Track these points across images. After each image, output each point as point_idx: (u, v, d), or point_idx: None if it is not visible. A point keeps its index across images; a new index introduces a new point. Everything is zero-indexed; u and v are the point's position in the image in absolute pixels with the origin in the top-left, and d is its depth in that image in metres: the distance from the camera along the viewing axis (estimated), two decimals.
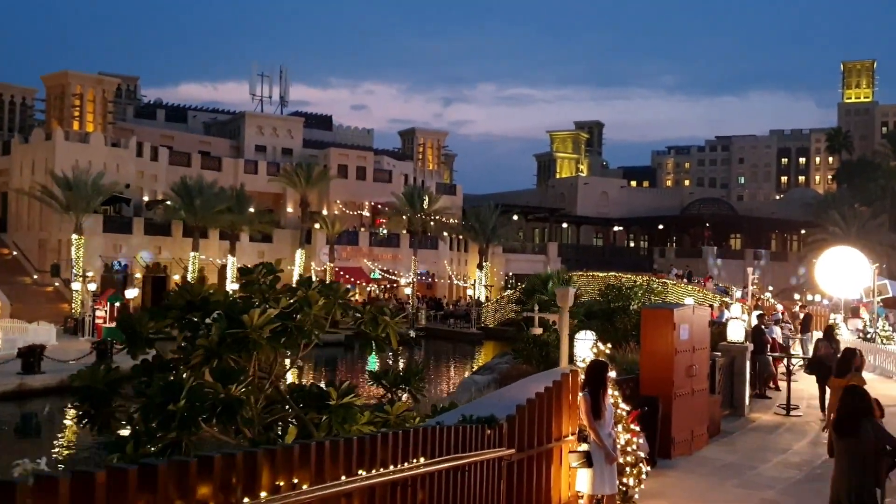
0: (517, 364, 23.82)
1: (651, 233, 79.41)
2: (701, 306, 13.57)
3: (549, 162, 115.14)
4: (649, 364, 12.52)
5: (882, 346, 26.06)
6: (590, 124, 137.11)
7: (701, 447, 13.22)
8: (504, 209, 62.86)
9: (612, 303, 30.12)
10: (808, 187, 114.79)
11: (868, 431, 7.07)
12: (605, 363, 8.79)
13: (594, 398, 8.38)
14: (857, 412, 7.01)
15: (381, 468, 5.06)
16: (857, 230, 57.54)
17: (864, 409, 7.11)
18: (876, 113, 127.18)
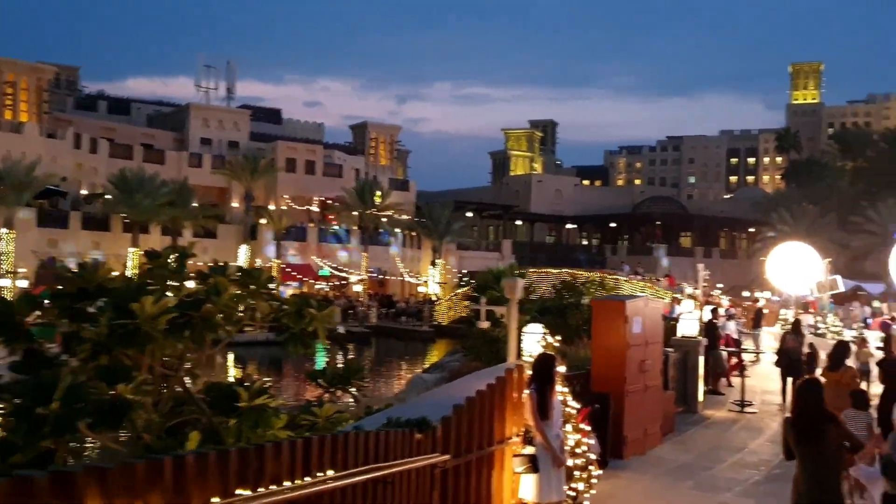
0: (468, 361, 23.14)
1: (603, 231, 79.54)
2: (654, 298, 12.91)
3: (503, 160, 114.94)
4: (601, 359, 11.84)
5: (833, 341, 25.93)
6: (544, 123, 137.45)
7: (654, 446, 12.61)
8: (458, 206, 62.19)
9: (564, 299, 29.53)
10: (756, 187, 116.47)
11: (832, 435, 6.40)
12: (553, 357, 7.98)
13: (541, 396, 7.57)
14: (818, 418, 6.33)
15: (272, 485, 4.13)
16: (806, 228, 58.07)
17: (826, 416, 6.44)
18: (823, 114, 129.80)
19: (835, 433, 6.42)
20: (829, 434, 6.38)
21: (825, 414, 6.46)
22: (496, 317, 15.94)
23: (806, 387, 6.62)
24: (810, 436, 6.35)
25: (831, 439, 6.39)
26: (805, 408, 6.46)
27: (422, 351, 42.66)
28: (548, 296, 32.90)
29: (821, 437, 6.33)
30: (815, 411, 6.41)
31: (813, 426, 6.36)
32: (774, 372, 21.90)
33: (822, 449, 6.31)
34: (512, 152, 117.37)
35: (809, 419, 6.39)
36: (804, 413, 6.45)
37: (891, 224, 57.76)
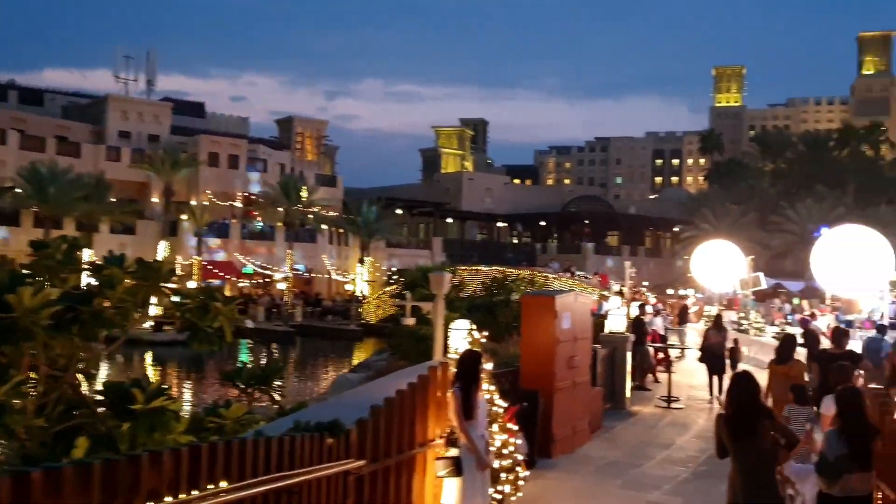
0: (395, 360, 22.68)
1: (534, 229, 79.99)
2: (583, 294, 12.65)
3: (434, 157, 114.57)
4: (529, 355, 11.48)
5: (755, 337, 26.35)
6: (475, 122, 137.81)
7: (583, 444, 12.33)
8: (387, 203, 61.43)
9: (494, 296, 29.25)
10: (681, 187, 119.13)
11: (767, 431, 6.12)
12: (478, 353, 7.51)
13: (465, 394, 7.10)
14: (752, 414, 6.03)
15: (148, 502, 3.53)
16: (728, 227, 59.38)
17: (761, 411, 6.14)
18: (744, 117, 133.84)
19: (770, 429, 6.15)
20: (765, 430, 6.10)
21: (760, 409, 6.17)
22: (423, 314, 15.49)
23: (738, 381, 6.32)
24: (745, 432, 6.05)
25: (766, 435, 6.10)
26: (739, 403, 6.16)
27: (349, 350, 41.91)
28: (478, 293, 32.61)
29: (756, 433, 6.04)
30: (749, 406, 6.12)
31: (747, 422, 6.06)
32: (699, 367, 22.03)
33: (758, 445, 6.01)
34: (443, 150, 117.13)
35: (743, 415, 6.09)
36: (738, 409, 6.15)
37: (809, 224, 59.62)
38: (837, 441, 6.05)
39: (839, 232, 19.76)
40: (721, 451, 6.31)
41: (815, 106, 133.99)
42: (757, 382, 6.40)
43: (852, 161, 78.72)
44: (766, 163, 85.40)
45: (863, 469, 5.98)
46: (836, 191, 67.86)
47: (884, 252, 19.14)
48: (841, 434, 6.07)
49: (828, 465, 6.05)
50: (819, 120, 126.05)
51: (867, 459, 6.00)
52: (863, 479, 6.01)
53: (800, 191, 69.37)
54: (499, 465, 7.91)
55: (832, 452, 6.04)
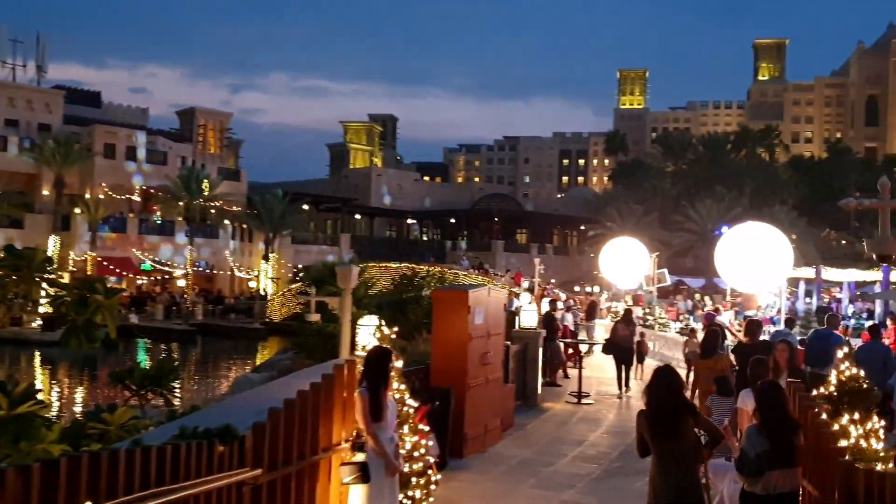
0: (301, 359, 21.92)
1: (443, 226, 79.89)
2: (496, 289, 12.29)
3: (342, 152, 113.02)
4: (441, 352, 11.05)
5: (661, 332, 26.73)
6: (384, 118, 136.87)
7: (495, 442, 12.01)
8: (294, 198, 59.94)
9: (404, 293, 28.74)
10: (586, 187, 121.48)
11: (690, 427, 5.83)
12: (388, 350, 6.98)
13: (373, 394, 6.56)
14: (675, 411, 5.73)
15: None
16: (632, 226, 60.68)
17: (684, 407, 5.85)
18: (647, 119, 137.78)
19: (693, 426, 5.86)
20: (688, 427, 5.80)
21: (683, 405, 5.87)
22: (329, 310, 14.84)
23: (660, 376, 6.00)
24: (667, 429, 5.73)
25: (689, 433, 5.81)
26: (660, 399, 5.84)
27: (252, 349, 40.65)
28: (387, 290, 32.06)
29: (678, 430, 5.73)
30: (671, 402, 5.81)
31: (670, 419, 5.74)
32: (608, 362, 22.18)
33: (680, 443, 5.70)
34: (351, 145, 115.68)
35: (665, 411, 5.78)
36: (660, 405, 5.83)
37: (709, 223, 61.60)
38: (757, 437, 5.81)
39: (742, 229, 20.11)
40: (642, 450, 5.99)
41: (714, 109, 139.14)
42: (680, 377, 6.11)
43: (749, 163, 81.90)
44: (667, 163, 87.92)
45: (785, 465, 5.75)
46: (733, 191, 70.33)
47: (784, 249, 19.56)
48: (761, 430, 5.83)
49: (748, 462, 5.80)
50: (717, 123, 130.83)
51: (789, 455, 5.78)
52: (786, 475, 5.78)
53: (699, 191, 71.61)
54: (409, 469, 7.40)
55: (752, 449, 5.80)
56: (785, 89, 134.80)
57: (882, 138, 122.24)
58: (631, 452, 12.51)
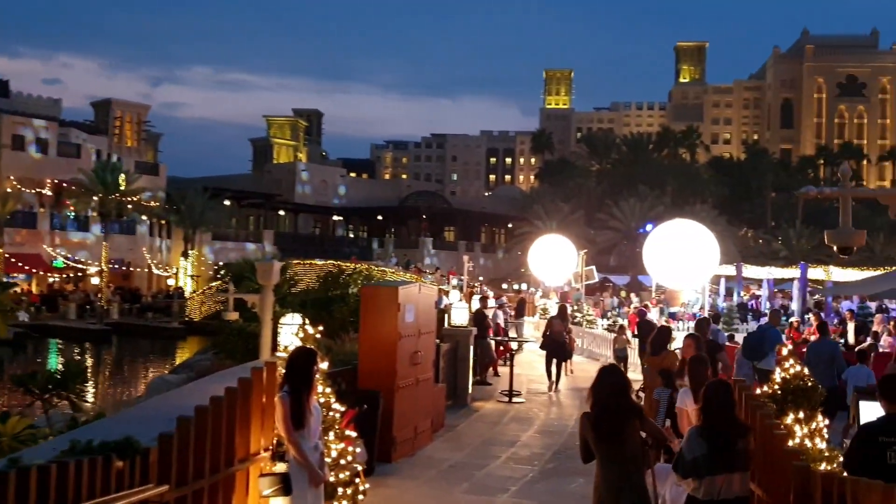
0: (220, 360, 21.01)
1: (370, 223, 79.00)
2: (427, 285, 11.82)
3: (265, 147, 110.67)
4: (369, 352, 10.53)
5: (588, 329, 26.77)
6: (309, 112, 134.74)
7: (425, 445, 11.58)
8: (215, 193, 58.27)
9: (329, 291, 27.99)
10: (513, 185, 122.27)
11: (636, 430, 5.48)
12: (312, 351, 6.42)
13: (295, 399, 5.98)
14: (620, 412, 5.40)
15: None
16: (558, 224, 61.12)
17: (629, 409, 5.48)
18: (572, 119, 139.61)
19: (639, 428, 5.49)
20: (634, 430, 5.43)
21: (629, 406, 5.50)
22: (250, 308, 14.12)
23: (605, 376, 5.62)
24: (612, 432, 5.36)
25: (635, 436, 5.45)
26: (605, 400, 5.46)
27: (170, 350, 39.20)
28: (312, 288, 31.27)
29: (624, 433, 5.36)
30: (616, 404, 5.44)
31: (614, 421, 5.37)
32: (537, 360, 22.02)
33: (625, 445, 5.35)
34: (275, 140, 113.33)
35: (610, 413, 5.40)
36: (604, 407, 5.45)
37: (632, 221, 62.54)
38: (697, 439, 5.47)
39: (669, 226, 20.14)
40: (586, 455, 5.60)
41: (637, 110, 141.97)
42: (625, 376, 5.74)
43: (671, 163, 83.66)
44: (592, 163, 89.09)
45: (728, 470, 5.40)
46: (656, 191, 71.62)
47: (710, 246, 19.66)
48: (701, 432, 5.49)
49: (683, 464, 5.46)
50: (640, 124, 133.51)
51: (731, 460, 5.42)
52: (731, 480, 5.43)
53: (623, 190, 72.67)
54: (335, 479, 6.86)
55: (690, 452, 5.46)
56: (705, 91, 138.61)
57: (796, 140, 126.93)
58: (564, 453, 12.29)
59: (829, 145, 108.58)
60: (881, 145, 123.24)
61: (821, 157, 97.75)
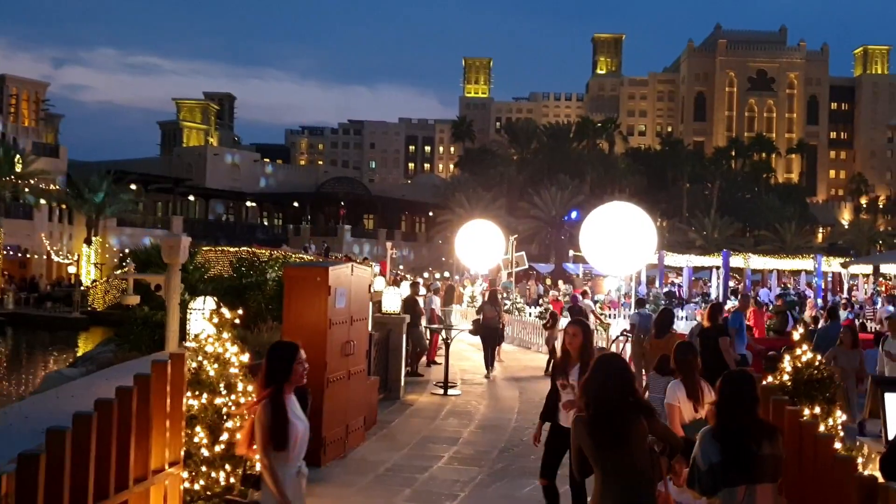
0: (124, 352, 19.32)
1: (286, 210, 76.55)
2: (360, 266, 10.52)
3: (175, 131, 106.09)
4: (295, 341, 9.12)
5: (517, 317, 25.96)
6: (220, 96, 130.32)
7: (357, 444, 10.35)
8: (120, 177, 55.21)
9: (243, 278, 26.27)
10: (433, 173, 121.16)
11: (643, 435, 4.33)
12: (293, 345, 5.05)
13: (277, 410, 4.57)
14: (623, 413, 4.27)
15: None
16: (480, 212, 60.35)
17: (636, 407, 4.35)
18: (491, 108, 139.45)
19: (646, 430, 4.32)
20: (640, 434, 4.28)
21: (633, 402, 4.33)
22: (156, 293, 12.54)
23: (602, 367, 4.45)
24: (614, 436, 4.21)
25: (642, 441, 4.29)
26: (603, 397, 4.29)
27: (72, 341, 36.64)
28: (225, 276, 29.45)
29: (629, 439, 4.21)
30: (616, 400, 4.28)
31: (617, 424, 4.22)
32: (468, 350, 21.01)
33: (632, 453, 4.21)
34: (185, 124, 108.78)
35: (610, 412, 4.24)
36: (603, 405, 4.28)
37: (553, 210, 62.41)
38: (711, 443, 4.38)
39: (608, 209, 19.35)
40: (581, 468, 4.44)
41: (555, 101, 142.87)
42: (629, 367, 4.57)
43: (590, 153, 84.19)
44: (513, 151, 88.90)
45: (750, 481, 4.32)
46: (576, 180, 71.86)
47: (650, 230, 19.00)
48: (716, 433, 4.40)
49: (700, 476, 4.38)
50: (558, 115, 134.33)
51: (754, 469, 4.33)
52: (752, 493, 4.35)
53: (544, 179, 72.65)
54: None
55: (705, 458, 4.37)
56: (621, 83, 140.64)
57: (708, 132, 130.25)
58: (511, 450, 11.14)
59: (740, 138, 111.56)
60: (788, 139, 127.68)
61: (733, 148, 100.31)
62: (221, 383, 5.57)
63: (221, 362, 5.62)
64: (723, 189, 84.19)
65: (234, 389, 5.60)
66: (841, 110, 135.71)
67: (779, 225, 75.46)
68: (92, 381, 6.64)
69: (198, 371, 5.56)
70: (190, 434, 5.35)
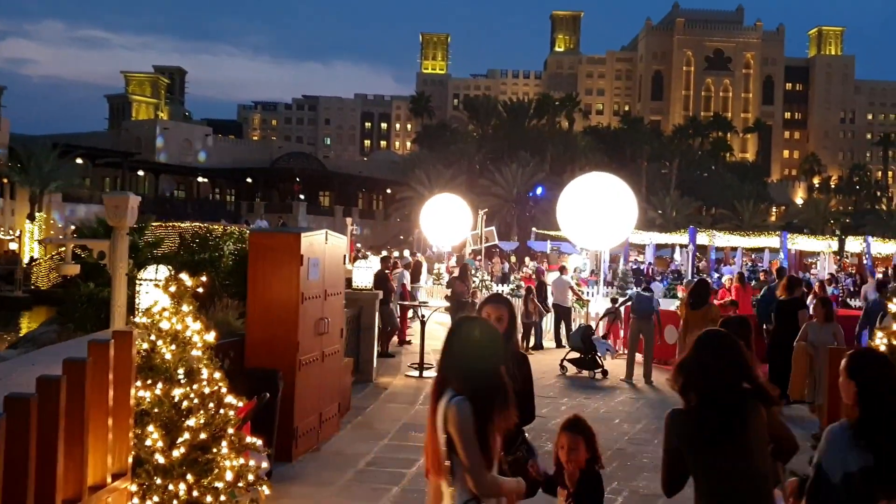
0: (69, 331, 17.89)
1: (239, 186, 74.36)
2: (335, 234, 9.32)
3: (123, 105, 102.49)
4: (261, 319, 8.10)
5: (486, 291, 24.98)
6: (171, 70, 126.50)
7: (332, 434, 9.32)
8: (65, 151, 52.95)
9: (196, 255, 24.76)
10: (390, 150, 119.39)
11: (762, 427, 3.26)
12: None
13: (482, 410, 3.35)
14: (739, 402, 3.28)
15: None
16: (440, 189, 59.23)
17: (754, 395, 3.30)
18: (449, 85, 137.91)
19: (766, 424, 3.28)
20: (760, 425, 3.25)
21: (750, 389, 3.30)
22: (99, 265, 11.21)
23: (707, 344, 3.41)
24: (728, 435, 3.20)
25: (762, 436, 3.27)
26: (712, 383, 3.28)
27: (14, 321, 34.76)
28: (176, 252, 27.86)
29: (745, 432, 3.21)
30: (727, 385, 3.27)
31: (731, 416, 3.22)
32: (439, 329, 19.90)
33: (748, 455, 3.21)
34: (133, 97, 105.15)
35: (723, 404, 3.24)
36: (713, 392, 3.27)
37: (514, 187, 61.53)
38: (851, 444, 3.33)
39: (588, 180, 18.45)
40: (673, 479, 3.40)
41: (513, 79, 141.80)
42: (742, 345, 3.49)
43: (550, 130, 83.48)
44: (473, 128, 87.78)
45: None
46: (536, 157, 71.13)
47: (630, 201, 18.17)
48: (858, 434, 3.35)
49: (827, 491, 3.34)
50: (516, 92, 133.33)
51: None
52: None
53: (504, 156, 71.76)
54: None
55: (839, 465, 3.32)
56: (579, 61, 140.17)
57: (665, 112, 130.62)
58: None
59: (697, 117, 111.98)
60: (745, 118, 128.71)
61: (691, 127, 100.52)
62: (181, 369, 4.36)
63: (180, 342, 4.41)
64: (681, 167, 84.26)
65: (197, 377, 4.40)
66: (795, 91, 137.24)
67: (737, 203, 75.79)
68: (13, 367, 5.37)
69: (150, 354, 4.36)
70: (140, 436, 4.15)
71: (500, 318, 4.45)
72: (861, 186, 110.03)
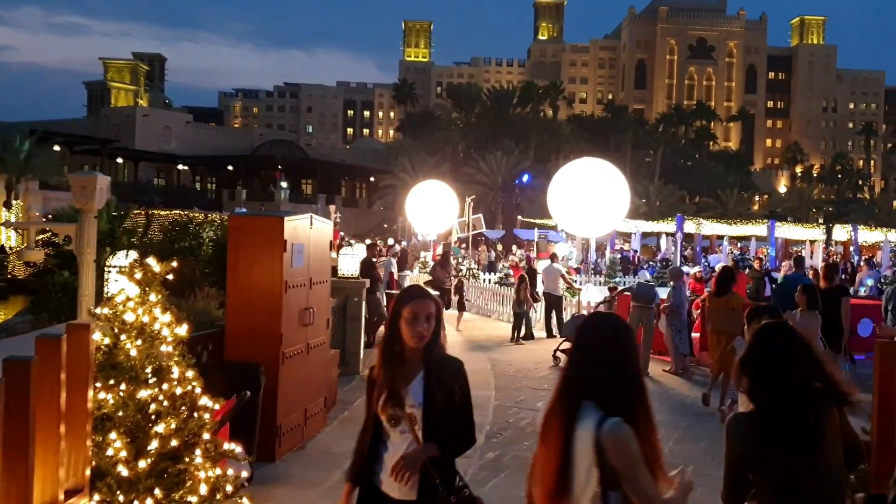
0: (43, 321, 17.30)
1: (220, 174, 73.36)
2: (321, 219, 8.77)
3: (102, 91, 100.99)
4: (242, 309, 7.55)
5: (472, 283, 24.58)
6: (150, 57, 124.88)
7: (316, 432, 8.82)
8: (43, 138, 52.08)
9: (176, 243, 24.11)
10: (373, 138, 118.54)
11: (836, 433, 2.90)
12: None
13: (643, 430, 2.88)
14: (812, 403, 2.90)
15: None
16: (424, 177, 58.70)
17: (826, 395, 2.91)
18: (432, 73, 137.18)
19: (839, 426, 2.91)
20: (834, 428, 2.89)
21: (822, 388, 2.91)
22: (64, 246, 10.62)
23: (770, 338, 2.99)
24: (803, 439, 2.85)
25: (836, 440, 2.90)
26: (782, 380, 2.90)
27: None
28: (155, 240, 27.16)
29: (823, 438, 2.86)
30: (801, 385, 2.89)
31: (806, 418, 2.86)
32: None
33: (822, 459, 2.86)
34: (113, 84, 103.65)
35: (795, 404, 2.87)
36: (781, 392, 2.89)
37: (499, 175, 61.05)
38: None
39: (579, 165, 17.90)
40: (738, 489, 2.96)
41: (497, 67, 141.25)
42: (809, 342, 3.01)
43: (534, 118, 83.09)
44: (457, 116, 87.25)
45: None
46: (520, 145, 70.73)
47: (623, 187, 17.64)
48: None
49: None
50: (500, 80, 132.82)
51: None
52: None
53: (488, 144, 71.31)
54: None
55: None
56: (563, 50, 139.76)
57: (648, 100, 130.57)
58: (500, 435, 9.54)
59: (680, 106, 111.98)
60: (727, 107, 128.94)
61: (674, 116, 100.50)
62: (148, 367, 3.81)
63: (147, 337, 3.85)
64: (665, 156, 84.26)
65: (167, 376, 3.84)
66: (778, 80, 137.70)
67: (721, 192, 75.82)
68: None
69: (112, 350, 3.80)
70: (101, 444, 3.61)
71: (429, 318, 3.45)
72: (843, 175, 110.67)
